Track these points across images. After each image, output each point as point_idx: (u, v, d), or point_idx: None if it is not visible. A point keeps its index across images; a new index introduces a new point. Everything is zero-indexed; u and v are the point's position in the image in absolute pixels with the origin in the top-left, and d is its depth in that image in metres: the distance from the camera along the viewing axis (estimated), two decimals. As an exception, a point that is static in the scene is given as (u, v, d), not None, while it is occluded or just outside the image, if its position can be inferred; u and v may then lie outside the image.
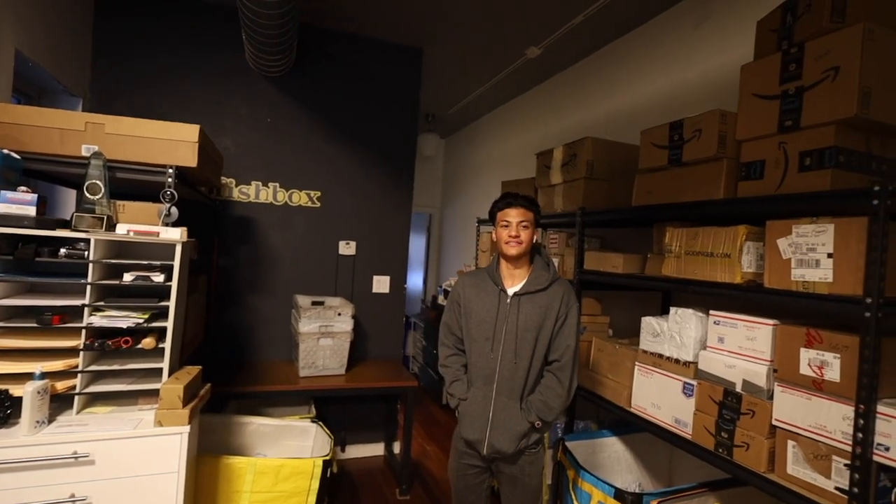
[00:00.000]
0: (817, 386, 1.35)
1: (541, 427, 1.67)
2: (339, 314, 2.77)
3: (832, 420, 1.30)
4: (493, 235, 1.80)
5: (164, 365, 1.68)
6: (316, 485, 2.11)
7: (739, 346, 1.59)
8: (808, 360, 1.37)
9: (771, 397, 1.48)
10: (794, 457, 1.39)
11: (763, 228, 1.51)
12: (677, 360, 1.80)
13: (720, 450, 1.58)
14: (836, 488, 1.28)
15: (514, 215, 1.70)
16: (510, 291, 1.72)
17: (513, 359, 1.67)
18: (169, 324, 1.67)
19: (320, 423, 2.47)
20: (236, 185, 3.00)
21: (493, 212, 1.79)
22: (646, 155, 2.00)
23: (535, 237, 1.74)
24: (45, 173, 1.89)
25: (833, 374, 1.31)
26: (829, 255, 1.30)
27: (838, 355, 1.30)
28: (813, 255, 1.34)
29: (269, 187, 3.07)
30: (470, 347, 1.75)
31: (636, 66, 2.87)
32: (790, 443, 1.40)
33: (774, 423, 1.45)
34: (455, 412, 1.77)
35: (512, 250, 1.69)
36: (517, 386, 1.67)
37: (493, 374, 1.69)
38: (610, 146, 2.42)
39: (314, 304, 2.85)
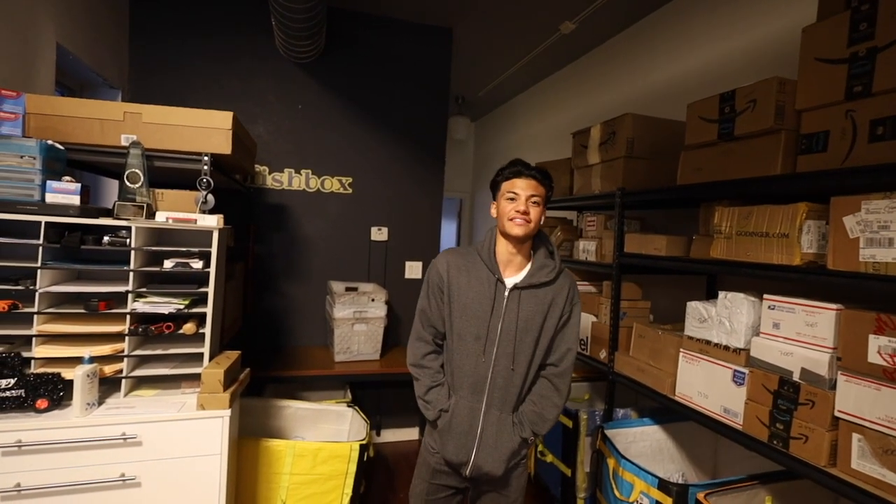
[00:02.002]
0: (888, 375, 1.24)
1: (532, 442, 1.46)
2: (373, 300, 2.77)
3: (905, 412, 1.20)
4: (493, 210, 1.48)
5: (205, 350, 1.71)
6: (353, 468, 2.13)
7: (797, 333, 1.49)
8: (877, 347, 1.26)
9: (833, 387, 1.37)
10: (860, 451, 1.29)
11: (826, 206, 1.39)
12: (727, 347, 1.71)
13: (775, 441, 1.49)
14: (909, 486, 1.18)
15: (523, 187, 1.38)
16: (509, 283, 1.43)
17: (509, 365, 1.40)
18: (208, 309, 1.70)
19: (356, 407, 2.49)
20: (269, 173, 3.03)
21: (497, 181, 1.46)
22: (693, 130, 1.88)
23: (542, 218, 1.45)
24: (88, 163, 1.94)
25: (907, 362, 1.20)
26: (905, 234, 1.19)
27: (914, 343, 1.19)
28: (886, 233, 1.22)
29: (301, 174, 3.09)
30: (454, 346, 1.45)
31: (679, 36, 2.70)
32: (855, 436, 1.30)
33: (837, 414, 1.35)
34: (432, 424, 1.50)
35: (518, 229, 1.38)
36: (511, 397, 1.42)
37: (483, 381, 1.41)
38: (651, 123, 2.30)
39: (348, 289, 2.86)
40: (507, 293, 1.42)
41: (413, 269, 3.34)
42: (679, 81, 2.68)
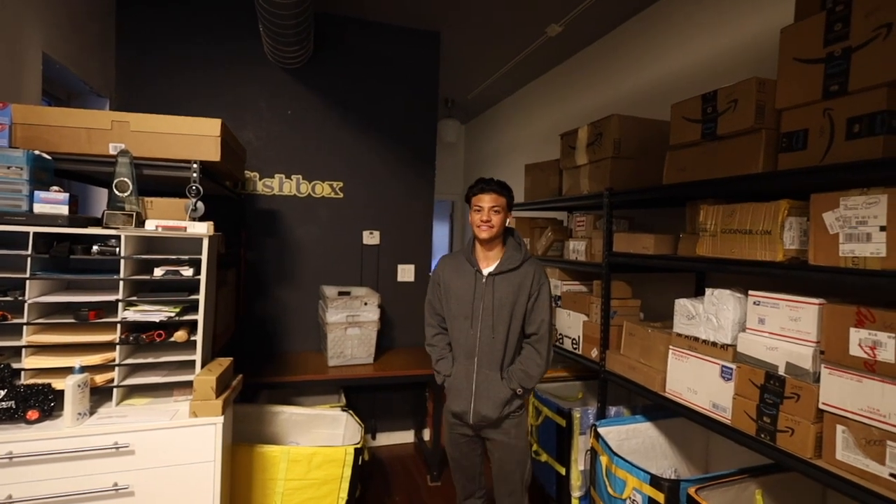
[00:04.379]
0: (869, 367, 1.27)
1: (521, 394, 1.84)
2: (366, 304, 2.78)
3: (886, 403, 1.22)
4: (469, 219, 1.89)
5: (197, 357, 1.71)
6: (348, 472, 2.13)
7: (782, 328, 1.51)
8: (858, 340, 1.29)
9: (817, 380, 1.40)
10: (844, 442, 1.32)
11: (806, 202, 1.42)
12: (714, 343, 1.73)
13: (762, 435, 1.52)
14: (892, 475, 1.20)
15: (486, 200, 1.80)
16: (485, 272, 1.85)
17: (490, 333, 1.81)
18: (199, 316, 1.70)
19: (350, 411, 2.49)
20: (260, 179, 3.03)
21: (468, 196, 1.88)
22: (677, 130, 1.91)
23: (507, 220, 1.86)
24: (76, 173, 1.94)
25: (887, 354, 1.23)
26: (882, 228, 1.21)
27: (893, 335, 1.22)
28: (864, 228, 1.25)
29: (292, 179, 3.09)
30: (451, 325, 1.90)
31: (663, 38, 2.74)
32: (839, 427, 1.33)
33: (822, 406, 1.37)
34: (443, 387, 1.94)
35: (483, 234, 1.81)
36: (496, 358, 1.82)
37: (473, 348, 1.83)
38: (638, 123, 2.33)
39: (341, 294, 2.87)
40: (484, 280, 1.84)
41: (405, 272, 3.35)
42: (664, 82, 2.72)
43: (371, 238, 3.25)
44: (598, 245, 2.37)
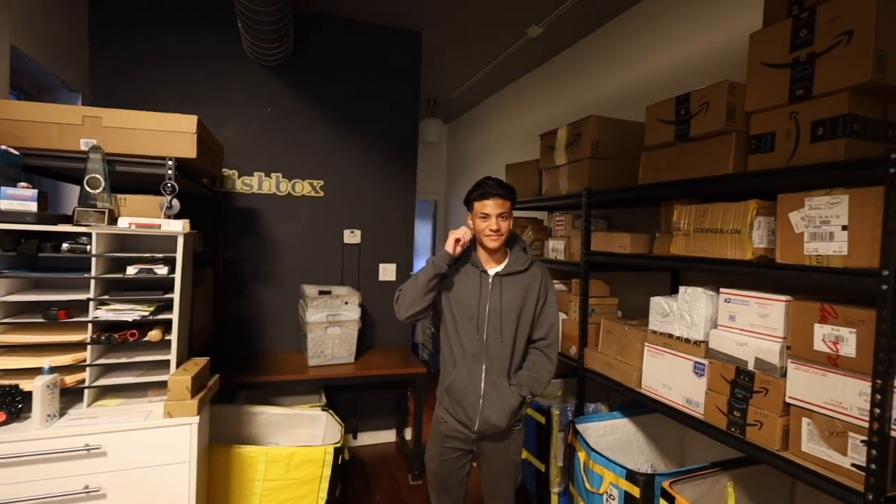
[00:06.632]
0: (832, 362, 1.32)
1: (530, 401, 1.77)
2: (347, 303, 2.77)
3: (848, 396, 1.27)
4: (470, 221, 1.75)
5: (172, 357, 1.68)
6: (328, 472, 2.12)
7: (751, 324, 1.56)
8: (822, 335, 1.34)
9: (784, 375, 1.45)
10: (809, 434, 1.36)
11: (774, 202, 1.46)
12: (688, 340, 1.77)
13: (733, 429, 1.56)
14: (853, 465, 1.25)
15: (492, 207, 1.65)
16: (491, 273, 1.73)
17: (498, 337, 1.70)
18: (174, 315, 1.67)
19: (330, 411, 2.48)
20: (239, 177, 2.99)
21: (469, 200, 1.73)
22: (652, 131, 1.94)
23: (511, 224, 1.72)
24: (46, 169, 1.89)
25: (848, 349, 1.28)
26: (844, 228, 1.26)
27: (854, 330, 1.26)
28: (827, 227, 1.30)
29: (271, 178, 3.06)
30: (455, 328, 1.74)
31: (641, 41, 2.79)
32: (805, 420, 1.37)
33: (788, 400, 1.42)
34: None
35: (493, 244, 1.67)
36: (504, 363, 1.71)
37: (480, 352, 1.70)
38: (615, 124, 2.37)
39: (321, 293, 2.85)
40: (490, 280, 1.72)
41: (387, 272, 3.35)
42: (641, 84, 2.77)
43: (352, 237, 3.24)
44: (577, 244, 2.40)
